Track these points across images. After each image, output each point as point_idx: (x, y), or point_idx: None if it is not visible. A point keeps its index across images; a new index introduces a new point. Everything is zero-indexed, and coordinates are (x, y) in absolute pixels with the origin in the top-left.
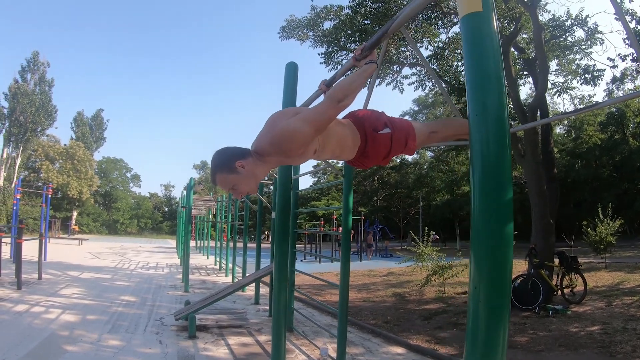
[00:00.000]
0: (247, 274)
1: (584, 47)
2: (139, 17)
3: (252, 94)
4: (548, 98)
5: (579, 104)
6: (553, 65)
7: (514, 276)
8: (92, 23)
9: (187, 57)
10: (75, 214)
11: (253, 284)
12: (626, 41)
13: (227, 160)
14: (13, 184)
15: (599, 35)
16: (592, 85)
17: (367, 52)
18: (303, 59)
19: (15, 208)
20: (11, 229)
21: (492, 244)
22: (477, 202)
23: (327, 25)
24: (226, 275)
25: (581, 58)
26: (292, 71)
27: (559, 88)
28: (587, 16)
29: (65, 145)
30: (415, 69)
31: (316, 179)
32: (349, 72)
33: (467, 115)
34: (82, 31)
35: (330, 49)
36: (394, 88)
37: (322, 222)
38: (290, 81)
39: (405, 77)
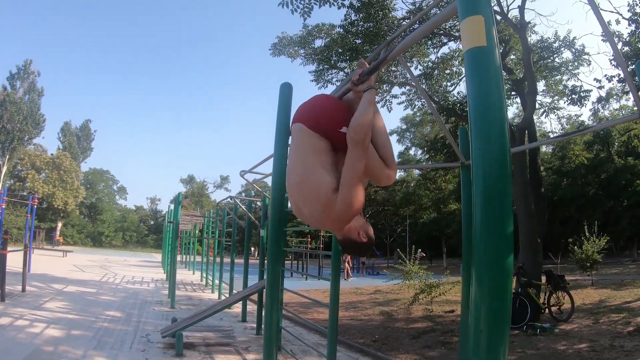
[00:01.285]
0: (234, 291)
1: (571, 68)
2: (130, 31)
3: (240, 108)
4: (535, 118)
5: (566, 124)
6: (540, 85)
7: None
8: (83, 35)
9: (175, 71)
10: (59, 225)
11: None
12: (612, 62)
13: (359, 244)
14: None
15: (586, 57)
16: (578, 106)
17: (365, 78)
18: (295, 76)
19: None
20: None
21: (493, 276)
22: (480, 233)
23: (319, 43)
24: (212, 292)
25: (568, 79)
26: (286, 92)
27: (546, 108)
28: (574, 38)
29: (52, 155)
30: (405, 88)
31: None
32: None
33: (470, 149)
34: (72, 42)
35: (320, 67)
36: (383, 106)
37: (309, 239)
38: (284, 102)
39: (395, 96)
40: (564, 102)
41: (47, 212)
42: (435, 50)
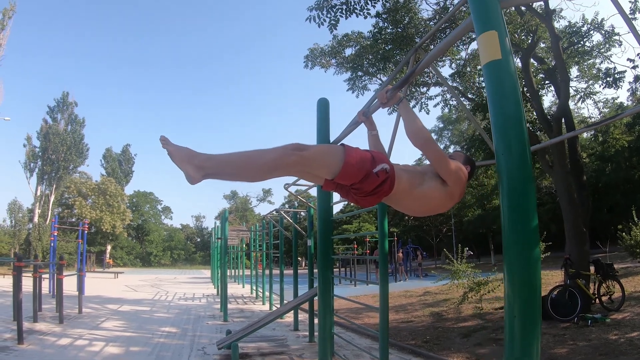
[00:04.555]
0: (285, 301)
1: (602, 50)
2: (161, 48)
3: (279, 121)
4: (572, 104)
5: (603, 108)
6: (574, 71)
7: (550, 287)
8: (114, 56)
9: (212, 88)
10: (109, 247)
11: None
12: None
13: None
14: (48, 221)
15: (616, 37)
16: (614, 88)
17: (392, 93)
18: (329, 83)
19: (53, 245)
20: (49, 265)
21: (522, 267)
22: (508, 230)
23: (349, 52)
24: (263, 303)
25: (601, 62)
26: (323, 107)
27: (582, 94)
28: (602, 19)
29: (96, 181)
30: (440, 87)
31: (346, 202)
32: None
33: (495, 155)
34: (104, 65)
35: (354, 75)
36: (420, 110)
37: (355, 246)
38: (322, 116)
39: (430, 98)
40: (599, 86)
41: (96, 236)
42: (465, 47)
